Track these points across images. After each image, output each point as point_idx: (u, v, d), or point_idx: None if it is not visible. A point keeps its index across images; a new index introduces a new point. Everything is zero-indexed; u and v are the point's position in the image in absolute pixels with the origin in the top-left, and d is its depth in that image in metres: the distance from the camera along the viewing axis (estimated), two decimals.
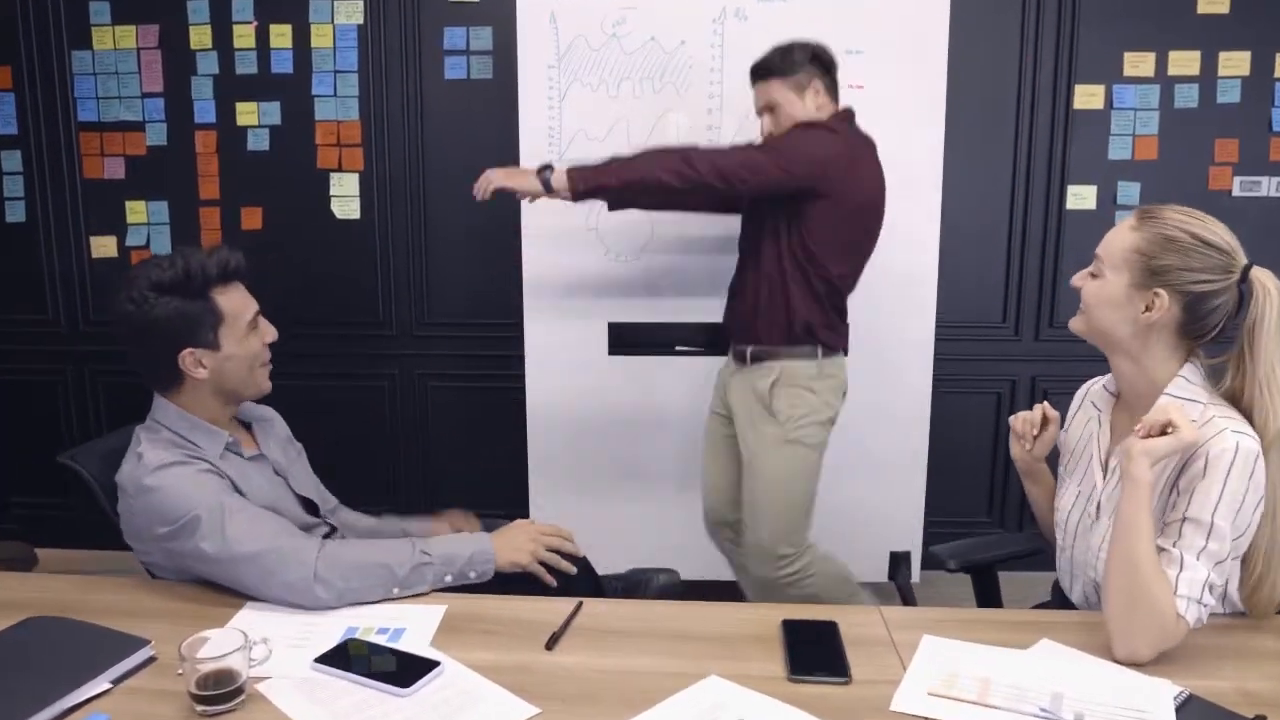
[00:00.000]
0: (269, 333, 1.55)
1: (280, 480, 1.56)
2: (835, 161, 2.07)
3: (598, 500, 2.77)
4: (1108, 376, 1.45)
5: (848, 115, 2.22)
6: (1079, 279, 1.38)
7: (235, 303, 1.48)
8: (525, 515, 2.84)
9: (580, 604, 1.33)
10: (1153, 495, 1.21)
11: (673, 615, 1.34)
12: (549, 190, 2.05)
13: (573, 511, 2.80)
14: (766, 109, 2.18)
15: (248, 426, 1.62)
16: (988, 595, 1.73)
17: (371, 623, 1.29)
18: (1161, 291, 1.27)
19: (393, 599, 1.37)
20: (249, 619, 1.31)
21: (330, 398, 3.22)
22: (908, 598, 2.75)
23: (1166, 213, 1.30)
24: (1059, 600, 1.54)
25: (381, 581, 1.36)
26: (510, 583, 1.46)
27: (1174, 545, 1.21)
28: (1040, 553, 1.68)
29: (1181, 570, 1.19)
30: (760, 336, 2.20)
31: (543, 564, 1.49)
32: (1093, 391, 1.50)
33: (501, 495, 3.14)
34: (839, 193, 2.08)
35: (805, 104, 2.15)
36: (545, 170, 2.05)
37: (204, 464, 1.42)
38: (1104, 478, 1.39)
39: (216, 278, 1.45)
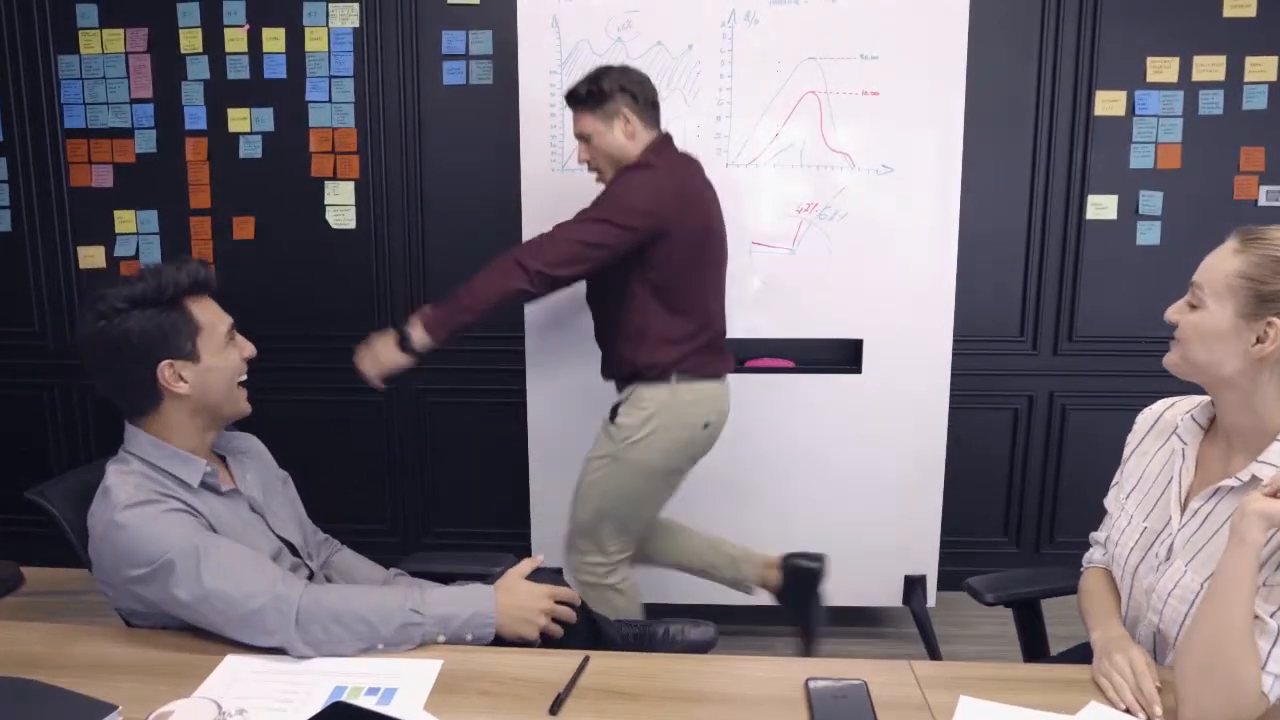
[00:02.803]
0: (247, 348, 1.46)
1: (256, 518, 1.46)
2: (667, 201, 2.06)
3: None
4: (1195, 404, 1.33)
5: (664, 140, 2.18)
6: (1175, 312, 1.25)
7: (210, 313, 1.41)
8: (527, 532, 2.78)
9: (586, 659, 1.23)
10: (1259, 559, 1.09)
11: (687, 672, 1.24)
12: (415, 355, 2.06)
13: None
14: (581, 137, 2.16)
15: (223, 460, 1.51)
16: (1031, 632, 1.62)
17: (360, 682, 1.19)
18: (1276, 320, 1.14)
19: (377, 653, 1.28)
20: (226, 678, 1.21)
21: (325, 414, 3.13)
22: (924, 624, 2.65)
23: (1273, 232, 1.17)
24: None
25: (363, 637, 1.27)
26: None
27: (1271, 616, 1.10)
28: None
29: (1276, 644, 1.09)
30: (623, 372, 2.21)
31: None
32: (1175, 420, 1.35)
33: (502, 515, 3.06)
34: (676, 227, 2.06)
35: (615, 134, 2.12)
36: (405, 336, 2.05)
37: (176, 502, 1.31)
38: (1181, 517, 1.27)
39: (189, 288, 1.38)
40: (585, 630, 1.54)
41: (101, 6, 2.95)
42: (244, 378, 1.46)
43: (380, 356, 2.07)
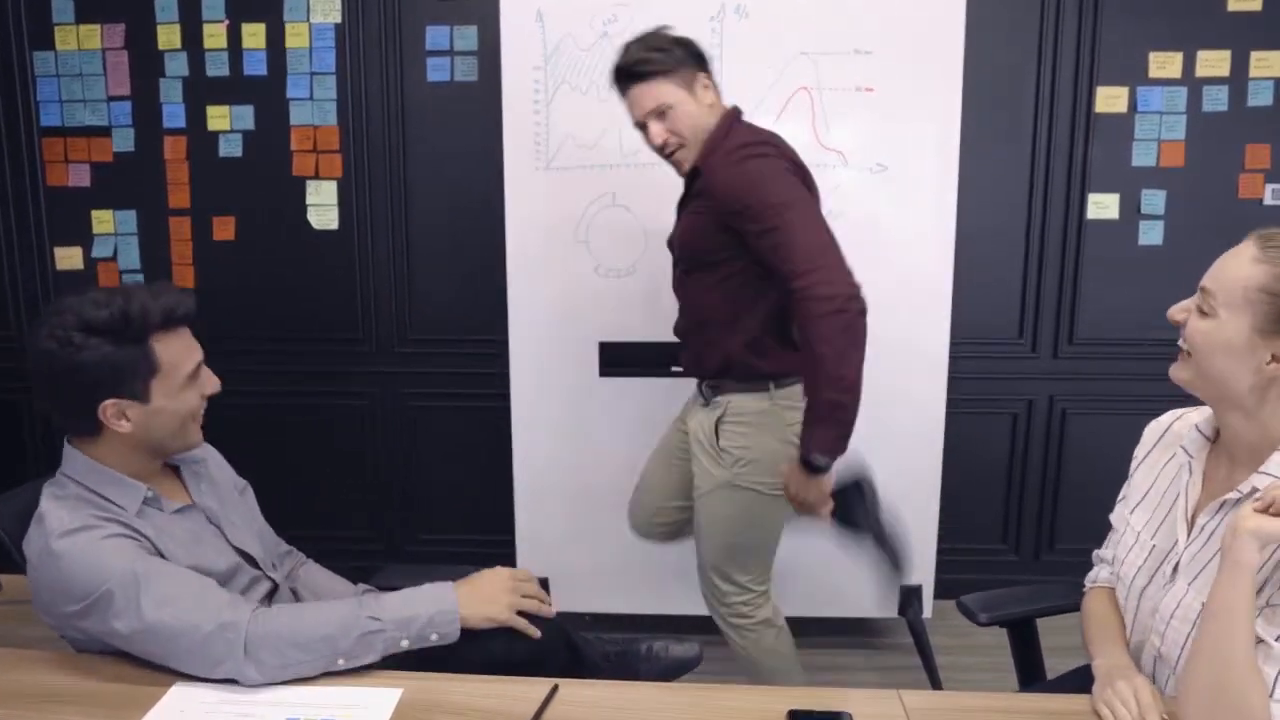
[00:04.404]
0: (210, 384, 1.35)
1: (214, 531, 1.38)
2: (799, 184, 1.81)
3: (588, 528, 2.60)
4: (1200, 415, 1.25)
5: (738, 112, 1.93)
6: (1181, 311, 1.16)
7: (176, 352, 1.29)
8: (512, 539, 2.71)
9: (555, 688, 1.16)
10: (1255, 580, 1.02)
11: (663, 702, 1.17)
12: (827, 470, 1.76)
13: (561, 540, 2.65)
14: (655, 114, 1.84)
15: (175, 469, 1.43)
16: (1026, 652, 1.55)
17: (314, 713, 1.12)
18: None
19: (338, 670, 1.20)
20: (172, 710, 1.14)
21: (307, 417, 3.06)
22: (920, 636, 2.58)
23: None
24: None
25: (322, 655, 1.20)
26: (478, 636, 1.30)
27: (1276, 640, 1.03)
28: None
29: None
30: (711, 370, 1.95)
31: (521, 614, 1.33)
32: (1183, 432, 1.28)
33: (487, 520, 2.99)
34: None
35: (699, 100, 1.85)
36: (811, 465, 1.74)
37: (116, 526, 1.23)
38: (1188, 536, 1.20)
39: (160, 324, 1.26)
40: (563, 650, 1.48)
41: (78, 1, 2.88)
42: (199, 416, 1.36)
43: (813, 496, 1.77)
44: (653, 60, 1.82)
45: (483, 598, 1.31)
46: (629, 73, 1.85)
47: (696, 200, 1.87)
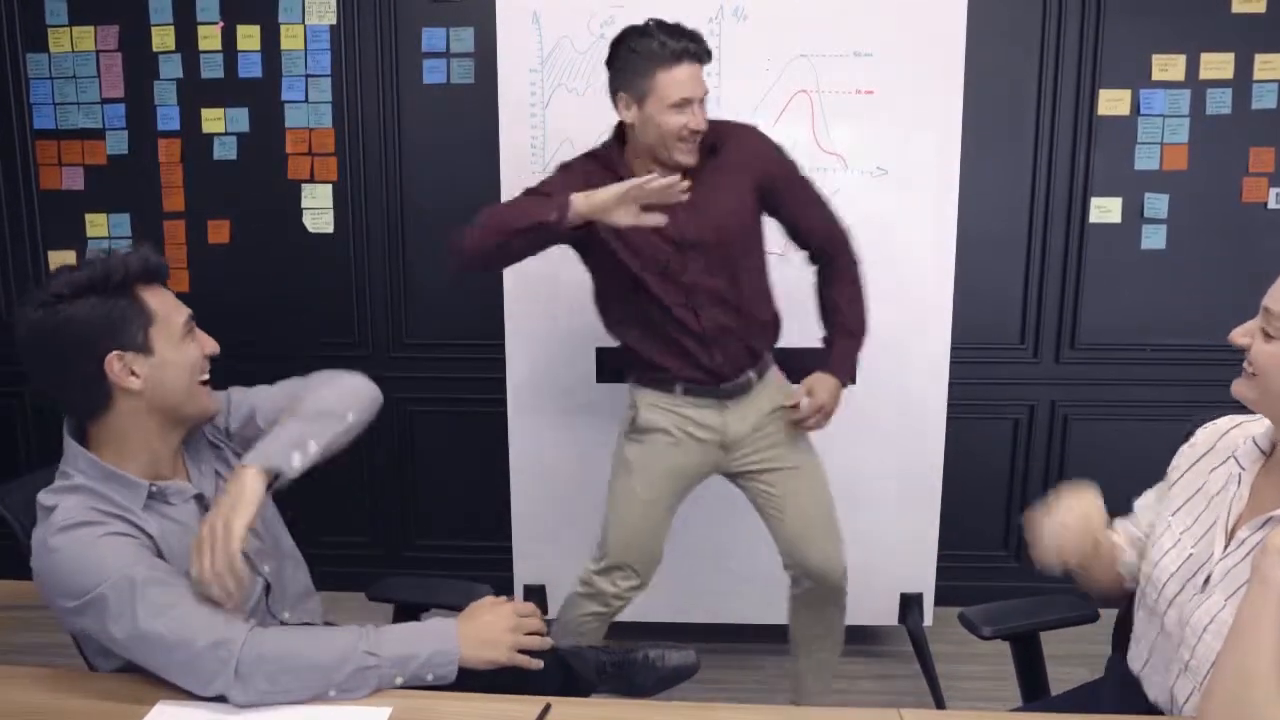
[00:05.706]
0: (208, 343, 1.34)
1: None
2: None
3: (585, 534, 2.56)
4: (1259, 427, 1.23)
5: None
6: (1244, 335, 1.14)
7: (164, 303, 1.28)
8: (508, 547, 2.69)
9: (548, 707, 1.14)
10: None
11: None
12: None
13: (558, 547, 2.62)
14: (701, 101, 1.82)
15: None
16: (1029, 665, 1.52)
17: None
18: None
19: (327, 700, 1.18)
20: None
21: None
22: (920, 644, 2.56)
23: None
24: (1118, 679, 1.34)
25: (314, 684, 1.17)
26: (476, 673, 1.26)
27: None
28: (1094, 619, 1.48)
29: None
30: (760, 355, 2.09)
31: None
32: (1240, 442, 1.25)
33: (484, 525, 2.97)
34: None
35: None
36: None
37: (118, 523, 1.20)
38: (1224, 548, 1.17)
39: (140, 274, 1.25)
40: (557, 671, 1.44)
41: (71, 3, 2.85)
42: (205, 376, 1.33)
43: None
44: (706, 48, 1.81)
45: (485, 640, 1.26)
46: (704, 51, 1.81)
47: (723, 178, 1.90)
